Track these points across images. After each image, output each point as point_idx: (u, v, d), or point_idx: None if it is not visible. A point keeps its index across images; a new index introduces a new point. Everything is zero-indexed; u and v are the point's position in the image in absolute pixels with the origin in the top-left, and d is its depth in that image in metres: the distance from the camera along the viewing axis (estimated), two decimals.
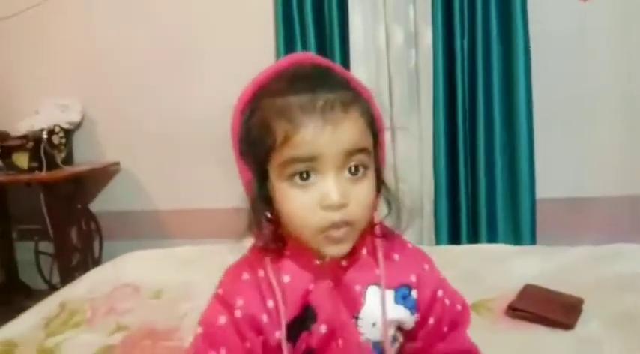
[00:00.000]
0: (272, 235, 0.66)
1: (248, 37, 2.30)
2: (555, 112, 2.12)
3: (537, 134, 2.04)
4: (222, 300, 0.67)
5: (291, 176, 0.60)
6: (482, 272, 1.36)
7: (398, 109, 2.15)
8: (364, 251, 0.68)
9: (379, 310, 0.66)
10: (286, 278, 0.66)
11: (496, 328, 1.09)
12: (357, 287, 0.66)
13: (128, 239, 2.35)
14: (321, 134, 0.58)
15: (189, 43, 2.36)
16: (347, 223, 0.60)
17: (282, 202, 0.61)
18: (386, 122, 0.75)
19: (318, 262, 0.65)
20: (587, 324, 1.09)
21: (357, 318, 0.66)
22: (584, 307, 1.14)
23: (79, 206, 2.48)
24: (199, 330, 0.68)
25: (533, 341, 1.04)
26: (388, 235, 0.70)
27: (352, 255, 0.66)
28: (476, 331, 0.78)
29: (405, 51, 2.14)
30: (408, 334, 0.72)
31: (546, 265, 1.39)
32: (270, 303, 0.64)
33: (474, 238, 2.10)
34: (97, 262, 2.42)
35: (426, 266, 0.72)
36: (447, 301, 0.73)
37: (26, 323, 1.26)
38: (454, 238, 2.11)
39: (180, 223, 2.47)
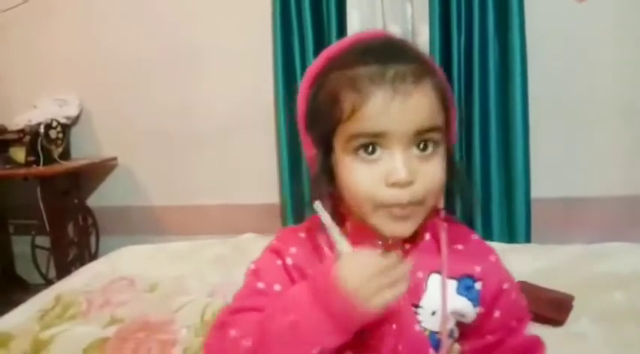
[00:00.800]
0: (333, 211, 0.61)
1: (246, 35, 2.31)
2: (551, 112, 2.13)
3: (533, 133, 2.05)
4: (275, 248, 0.65)
5: (357, 149, 0.58)
6: None
7: None
8: (427, 236, 0.65)
9: (440, 299, 0.63)
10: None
11: None
12: (419, 274, 0.63)
13: (125, 235, 2.36)
14: (390, 105, 0.55)
15: (188, 40, 2.36)
16: (412, 203, 0.57)
17: (346, 177, 0.59)
18: None
19: (379, 242, 0.61)
20: (578, 320, 1.11)
21: (417, 306, 0.63)
22: (575, 304, 1.16)
23: (76, 201, 2.49)
24: (251, 266, 0.65)
25: None
26: (452, 222, 0.67)
27: (415, 239, 0.63)
28: None
29: None
30: (467, 331, 0.68)
31: (538, 263, 1.40)
32: None
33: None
34: (93, 257, 2.42)
35: (492, 258, 0.69)
36: (514, 295, 0.69)
37: (21, 316, 1.26)
38: None
39: (176, 219, 2.48)
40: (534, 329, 1.07)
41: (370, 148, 0.57)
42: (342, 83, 0.58)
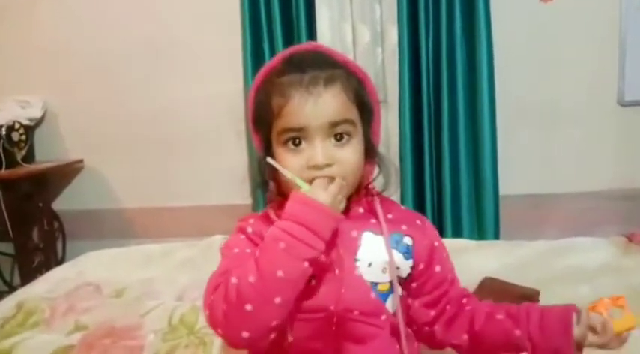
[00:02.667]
0: (276, 191, 0.78)
1: (215, 36, 2.28)
2: (518, 111, 2.17)
3: (500, 132, 2.08)
4: (237, 227, 0.79)
5: (286, 142, 0.73)
6: None
7: None
8: (361, 210, 0.79)
9: (374, 252, 0.75)
10: None
11: None
12: (354, 233, 0.76)
13: (92, 239, 2.31)
14: (305, 105, 0.70)
15: (154, 40, 2.32)
16: (332, 179, 0.70)
17: (279, 164, 0.73)
18: None
19: None
20: None
21: (356, 259, 0.74)
22: (541, 298, 1.18)
23: (41, 205, 2.42)
24: (222, 245, 0.79)
25: None
26: (385, 199, 0.81)
27: (349, 212, 0.76)
28: None
29: (372, 50, 2.16)
30: (415, 289, 0.79)
31: (506, 259, 1.43)
32: None
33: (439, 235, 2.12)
34: (60, 263, 2.36)
35: (419, 222, 0.81)
36: (445, 254, 0.82)
37: None
38: None
39: (146, 222, 2.44)
40: None
41: (297, 141, 0.72)
42: (272, 89, 0.74)
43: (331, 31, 2.16)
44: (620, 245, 1.47)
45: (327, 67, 0.73)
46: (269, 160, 0.74)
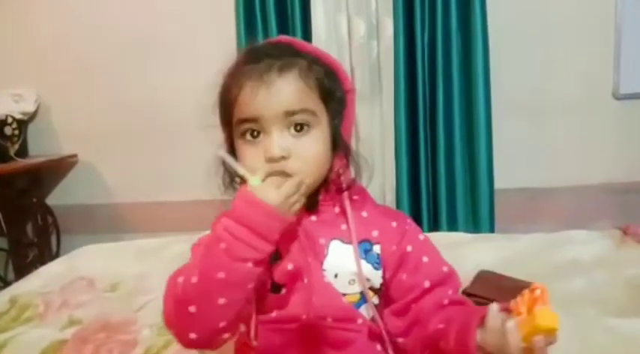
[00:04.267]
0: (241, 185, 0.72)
1: (209, 28, 2.26)
2: (513, 105, 2.16)
3: (495, 126, 2.08)
4: (212, 224, 0.74)
5: (244, 134, 0.70)
6: None
7: (359, 100, 2.14)
8: (336, 210, 0.74)
9: (340, 262, 0.71)
10: None
11: None
12: (322, 240, 0.72)
13: (86, 233, 2.30)
14: (257, 94, 0.67)
15: (148, 32, 2.30)
16: (288, 174, 0.66)
17: (239, 158, 0.70)
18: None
19: None
20: None
21: (322, 269, 0.71)
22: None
23: (35, 200, 2.40)
24: (195, 242, 0.75)
25: None
26: (363, 194, 0.76)
27: (320, 212, 0.73)
28: None
29: (367, 43, 2.15)
30: (386, 297, 0.74)
31: (501, 252, 1.42)
32: None
33: (434, 228, 2.13)
34: (54, 258, 2.33)
35: (394, 223, 0.76)
36: (425, 259, 0.75)
37: None
38: None
39: (141, 217, 2.43)
40: None
41: (255, 133, 0.69)
42: (230, 81, 0.71)
43: (326, 23, 2.14)
44: (615, 238, 1.47)
45: (286, 56, 0.70)
46: (220, 153, 0.71)
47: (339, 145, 0.73)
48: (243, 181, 0.71)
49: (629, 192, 2.13)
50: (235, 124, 0.70)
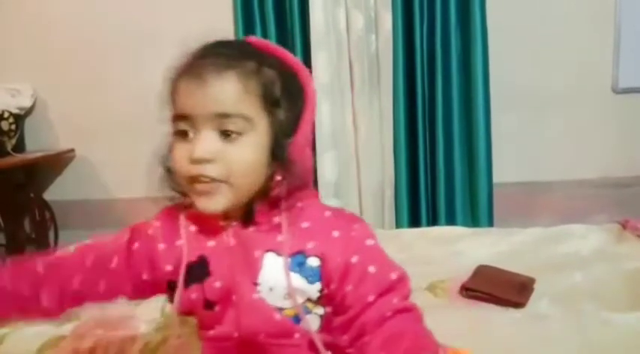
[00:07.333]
0: (171, 183, 0.72)
1: (207, 22, 2.22)
2: (512, 99, 2.16)
3: (494, 120, 2.08)
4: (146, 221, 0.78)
5: (177, 132, 0.67)
6: (438, 254, 1.38)
7: (358, 94, 2.15)
8: (276, 220, 0.69)
9: (274, 276, 0.68)
10: (192, 228, 0.73)
11: (450, 308, 1.11)
12: (256, 253, 0.69)
13: (84, 229, 2.28)
14: (190, 91, 0.65)
15: (146, 26, 2.29)
16: (213, 179, 0.64)
17: (172, 154, 0.68)
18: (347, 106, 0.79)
19: (221, 223, 0.70)
20: (538, 302, 1.12)
21: (256, 283, 0.68)
22: (536, 286, 1.18)
23: (32, 195, 2.40)
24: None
25: (486, 320, 1.07)
26: (298, 201, 0.70)
27: (259, 223, 0.69)
28: (431, 311, 0.79)
29: (366, 36, 2.14)
30: (334, 309, 0.70)
31: (500, 247, 1.42)
32: (178, 243, 0.72)
33: (433, 223, 2.13)
34: None
35: (336, 233, 0.69)
36: (372, 269, 0.68)
37: None
38: (414, 223, 2.13)
39: (137, 212, 2.41)
40: (496, 312, 1.10)
41: (188, 131, 0.66)
42: (171, 78, 0.69)
43: (325, 17, 2.13)
44: (614, 232, 1.47)
45: (231, 55, 0.66)
46: None
47: (277, 154, 0.67)
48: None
49: (627, 186, 2.13)
50: (170, 120, 0.68)
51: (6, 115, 2.24)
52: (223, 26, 2.19)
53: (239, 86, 0.64)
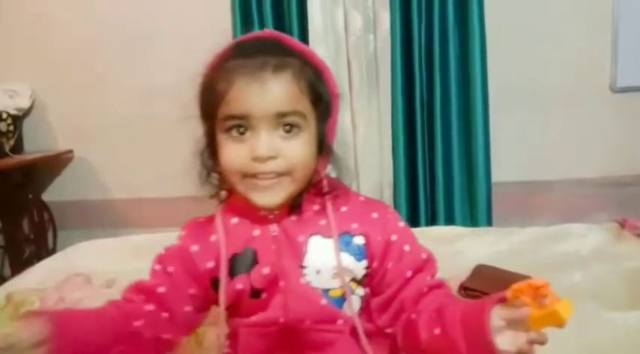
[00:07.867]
0: (220, 183, 0.75)
1: (204, 21, 2.24)
2: (510, 98, 2.16)
3: (493, 119, 2.08)
4: (179, 236, 0.79)
5: (229, 130, 0.68)
6: (436, 253, 1.36)
7: (357, 94, 2.14)
8: (315, 207, 0.74)
9: (321, 257, 0.71)
10: (234, 220, 0.75)
11: None
12: (300, 238, 0.72)
13: (83, 229, 2.28)
14: (249, 91, 0.66)
15: (144, 26, 2.29)
16: (275, 173, 0.67)
17: (221, 152, 0.70)
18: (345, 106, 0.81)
19: (262, 213, 0.72)
20: None
21: (302, 267, 0.71)
22: None
23: (31, 196, 2.39)
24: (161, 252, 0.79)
25: None
26: (338, 190, 0.75)
27: (301, 212, 0.73)
28: None
29: (364, 36, 2.14)
30: (373, 288, 0.74)
31: (499, 246, 1.42)
32: (213, 238, 0.74)
33: (432, 222, 2.13)
34: (50, 254, 2.33)
35: (375, 214, 0.75)
36: (407, 248, 0.74)
37: None
38: (413, 222, 2.13)
39: (136, 212, 2.42)
40: None
41: (241, 129, 0.68)
42: (218, 75, 0.69)
43: (323, 16, 2.13)
44: (612, 231, 1.47)
45: (279, 53, 0.69)
46: None
47: (324, 148, 0.73)
48: (222, 179, 0.73)
49: (626, 185, 2.13)
50: (221, 119, 0.69)
51: (4, 116, 2.23)
52: (221, 26, 2.18)
53: (293, 85, 0.68)
